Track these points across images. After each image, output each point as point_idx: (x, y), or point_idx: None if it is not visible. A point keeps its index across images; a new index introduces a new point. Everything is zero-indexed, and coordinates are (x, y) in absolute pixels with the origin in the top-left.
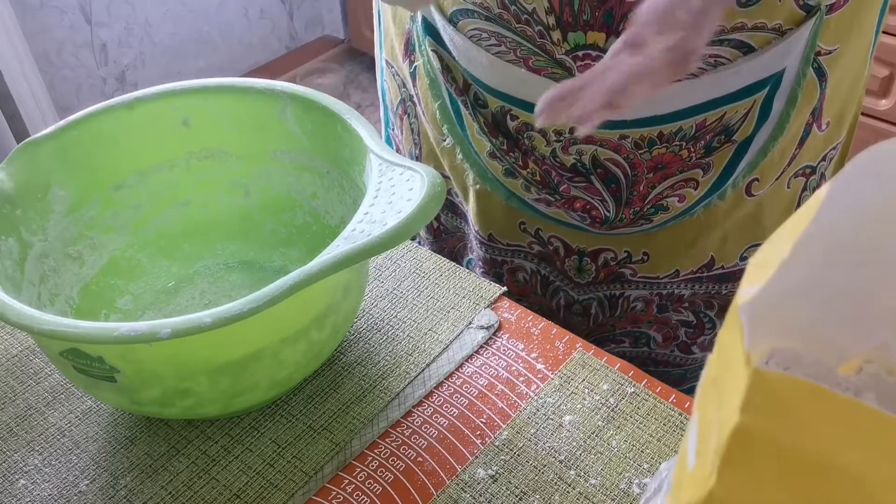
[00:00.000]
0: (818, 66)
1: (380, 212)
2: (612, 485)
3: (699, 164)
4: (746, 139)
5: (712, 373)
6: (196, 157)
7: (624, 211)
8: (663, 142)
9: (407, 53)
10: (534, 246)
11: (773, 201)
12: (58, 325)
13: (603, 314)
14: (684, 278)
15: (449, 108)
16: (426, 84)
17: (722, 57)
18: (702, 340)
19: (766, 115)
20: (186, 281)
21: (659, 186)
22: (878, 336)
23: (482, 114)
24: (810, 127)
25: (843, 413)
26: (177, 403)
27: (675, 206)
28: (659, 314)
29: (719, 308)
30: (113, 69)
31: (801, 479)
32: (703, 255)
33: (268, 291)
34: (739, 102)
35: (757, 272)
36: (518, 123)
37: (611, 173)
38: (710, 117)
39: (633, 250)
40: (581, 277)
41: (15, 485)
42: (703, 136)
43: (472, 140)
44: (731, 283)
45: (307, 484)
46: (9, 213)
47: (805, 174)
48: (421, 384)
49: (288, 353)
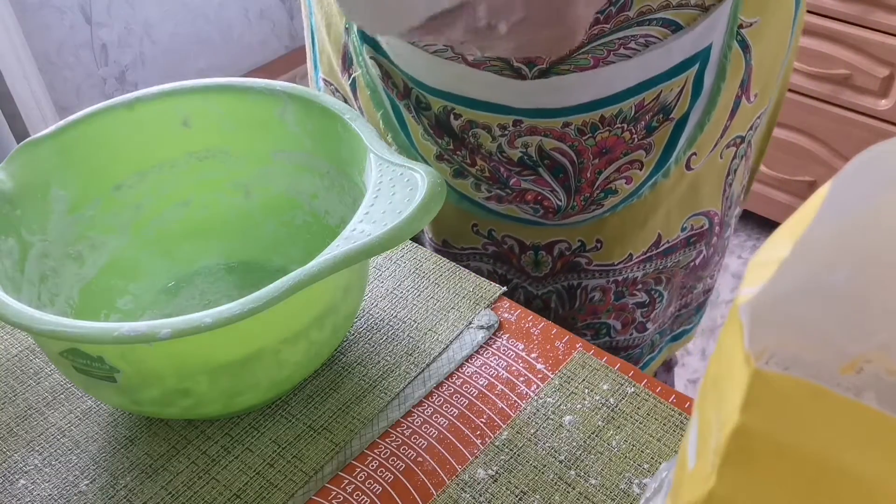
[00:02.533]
0: (741, 38)
1: (380, 212)
2: (612, 485)
3: (641, 146)
4: (683, 116)
5: (712, 373)
6: (196, 157)
7: (575, 199)
8: (605, 125)
9: (345, 67)
10: (488, 247)
11: (708, 172)
12: (57, 325)
13: (563, 307)
14: (637, 261)
15: (392, 116)
16: (367, 95)
17: (652, 36)
18: (654, 315)
19: (699, 91)
20: (186, 281)
21: (605, 171)
22: (878, 336)
23: (426, 116)
24: (739, 99)
25: (843, 413)
26: (177, 403)
27: (623, 189)
28: (616, 301)
29: (666, 280)
30: (113, 69)
31: (800, 479)
32: (652, 233)
33: (267, 292)
34: (673, 80)
35: (757, 272)
36: (462, 122)
37: (557, 163)
38: (648, 97)
39: (587, 239)
40: (538, 271)
41: (15, 485)
42: (642, 117)
43: (418, 145)
44: (674, 254)
45: (307, 484)
46: (8, 213)
47: (736, 144)
48: (421, 384)
49: (288, 353)
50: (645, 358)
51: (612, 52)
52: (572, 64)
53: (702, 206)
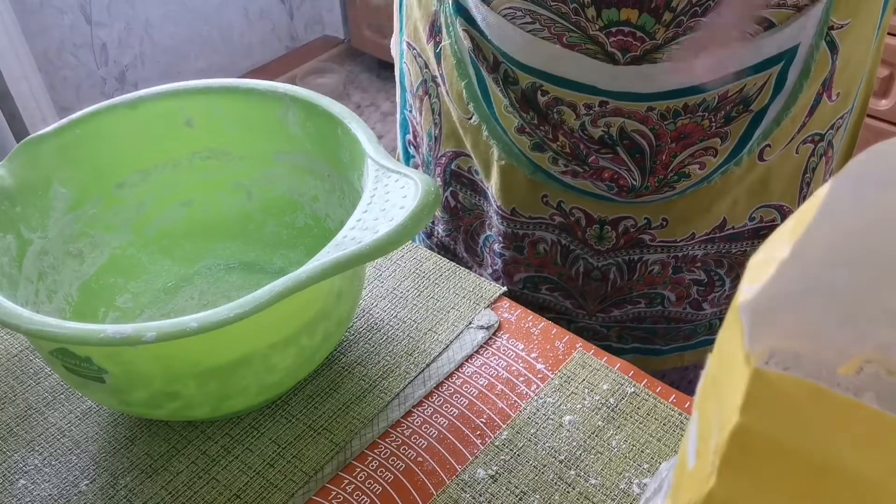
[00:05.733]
0: (831, 39)
1: (372, 219)
2: (612, 485)
3: (718, 134)
4: (762, 109)
5: (712, 372)
6: (199, 157)
7: (649, 179)
8: (687, 113)
9: (431, 35)
10: (555, 217)
11: (781, 166)
12: (45, 325)
13: (621, 278)
14: (699, 240)
15: (476, 87)
16: (451, 64)
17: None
18: (712, 297)
19: (782, 86)
20: (186, 281)
21: (681, 155)
22: (878, 336)
23: (512, 90)
24: (820, 97)
25: (843, 413)
26: (165, 405)
27: (696, 174)
28: (673, 275)
29: (728, 266)
30: (113, 69)
31: (800, 479)
32: (717, 217)
33: (255, 297)
34: (759, 75)
35: (757, 272)
36: (548, 98)
37: (636, 144)
38: (732, 89)
39: (653, 217)
40: (601, 245)
41: (15, 485)
42: (723, 107)
43: (500, 117)
44: (740, 242)
45: (307, 484)
46: (8, 210)
47: (814, 141)
48: (421, 384)
49: (278, 358)
50: (700, 336)
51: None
52: (665, 53)
53: (773, 199)
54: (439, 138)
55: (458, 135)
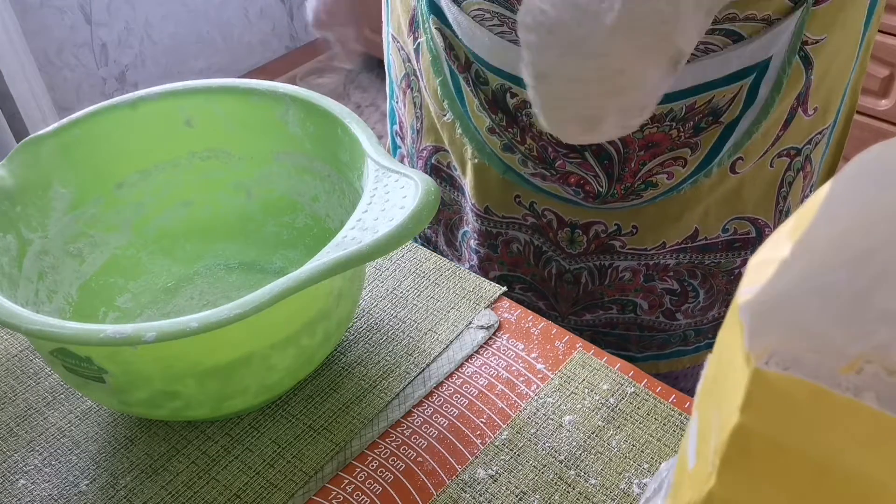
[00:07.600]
0: (804, 54)
1: (372, 219)
2: (612, 485)
3: (688, 144)
4: (733, 121)
5: (712, 373)
6: (199, 157)
7: (616, 186)
8: (654, 122)
9: (411, 30)
10: (528, 218)
11: (754, 178)
12: (45, 325)
13: (592, 282)
14: (670, 249)
15: (450, 85)
16: (428, 61)
17: (712, 44)
18: (685, 308)
19: (753, 99)
20: (186, 281)
21: (649, 164)
22: (878, 336)
23: (483, 91)
24: (795, 111)
25: (843, 413)
26: (165, 405)
27: (663, 183)
28: (645, 283)
29: (702, 277)
30: (113, 69)
31: (800, 479)
32: (688, 227)
33: (255, 297)
34: (727, 87)
35: (757, 272)
36: (517, 101)
37: (604, 150)
38: (700, 100)
39: (623, 223)
40: (573, 248)
41: (15, 485)
42: (692, 118)
43: (472, 115)
44: (713, 254)
45: (307, 484)
46: (8, 210)
47: (790, 155)
48: (421, 384)
49: (277, 358)
50: (674, 347)
51: None
52: None
53: (746, 212)
54: (421, 132)
55: (436, 129)
